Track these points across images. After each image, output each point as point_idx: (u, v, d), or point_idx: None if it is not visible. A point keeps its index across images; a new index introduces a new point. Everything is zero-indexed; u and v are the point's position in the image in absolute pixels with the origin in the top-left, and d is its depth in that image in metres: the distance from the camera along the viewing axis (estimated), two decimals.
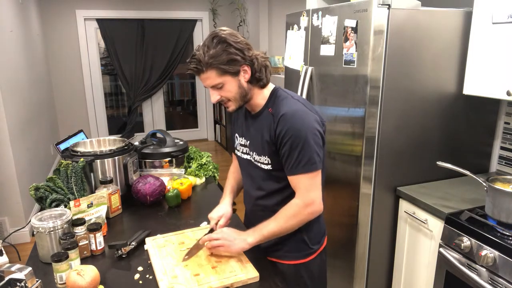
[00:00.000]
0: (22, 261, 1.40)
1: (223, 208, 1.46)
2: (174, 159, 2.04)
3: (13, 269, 1.00)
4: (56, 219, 1.32)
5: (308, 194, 1.25)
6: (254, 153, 1.34)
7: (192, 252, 1.33)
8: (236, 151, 1.46)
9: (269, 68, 1.29)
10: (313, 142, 1.22)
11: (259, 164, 1.33)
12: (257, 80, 1.26)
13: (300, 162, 1.22)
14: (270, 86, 1.33)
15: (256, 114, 1.33)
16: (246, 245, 1.27)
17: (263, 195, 1.38)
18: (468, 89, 1.79)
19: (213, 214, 1.43)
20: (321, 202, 1.29)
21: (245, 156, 1.40)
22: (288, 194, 1.31)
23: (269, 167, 1.31)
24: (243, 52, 1.20)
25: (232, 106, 1.28)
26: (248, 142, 1.36)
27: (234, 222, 1.56)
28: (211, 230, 1.43)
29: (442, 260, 1.63)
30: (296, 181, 1.26)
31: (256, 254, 1.33)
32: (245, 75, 1.23)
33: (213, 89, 1.24)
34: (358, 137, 1.86)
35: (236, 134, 1.44)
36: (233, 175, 1.59)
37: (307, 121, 1.22)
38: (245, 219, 1.58)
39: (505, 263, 1.37)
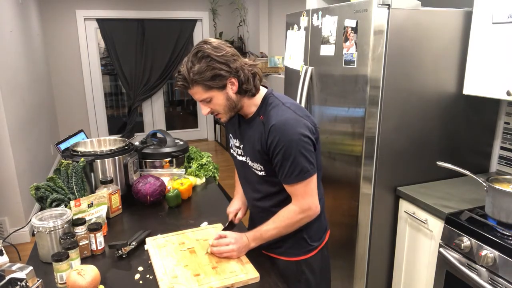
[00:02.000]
0: (22, 261, 1.40)
1: (239, 202, 1.53)
2: (174, 159, 2.04)
3: (14, 268, 1.00)
4: (56, 219, 1.32)
5: (304, 201, 1.27)
6: (248, 158, 1.35)
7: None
8: (231, 150, 1.46)
9: (259, 75, 1.27)
10: (305, 150, 1.22)
11: (253, 170, 1.35)
12: (245, 91, 1.25)
13: (293, 172, 1.23)
14: (262, 91, 1.31)
15: (249, 119, 1.33)
16: (248, 250, 1.33)
17: (260, 197, 1.39)
18: (468, 89, 1.79)
19: (231, 208, 1.50)
20: (317, 205, 1.31)
21: (240, 158, 1.40)
22: (285, 196, 1.32)
23: (263, 173, 1.32)
24: (228, 65, 1.18)
25: (223, 118, 1.30)
26: (242, 145, 1.37)
27: (237, 227, 1.56)
28: (231, 222, 1.49)
29: (442, 260, 1.63)
30: (291, 189, 1.28)
31: (256, 253, 1.34)
32: (232, 87, 1.22)
33: (202, 103, 1.25)
34: (358, 137, 1.86)
35: (230, 135, 1.45)
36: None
37: (298, 130, 1.21)
38: (249, 220, 1.58)
39: (505, 263, 1.37)
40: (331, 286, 1.55)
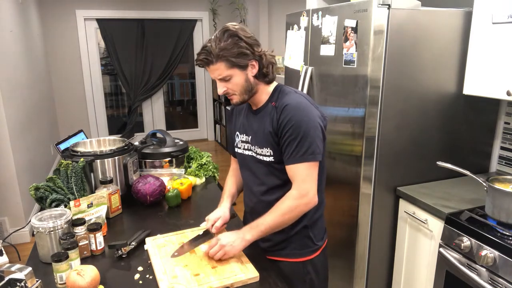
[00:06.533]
0: (22, 261, 1.40)
1: (221, 211, 1.47)
2: (174, 159, 2.04)
3: (13, 269, 1.00)
4: (56, 219, 1.32)
5: (304, 185, 1.27)
6: (256, 146, 1.36)
7: (183, 249, 1.33)
8: (236, 149, 1.46)
9: (276, 66, 1.33)
10: (314, 133, 1.25)
11: (261, 157, 1.35)
12: (264, 75, 1.30)
13: (299, 151, 1.25)
14: (274, 83, 1.38)
15: (259, 109, 1.36)
16: (246, 243, 1.28)
17: (266, 190, 1.38)
18: (468, 89, 1.79)
19: (210, 216, 1.45)
20: (316, 195, 1.29)
21: (246, 152, 1.41)
22: (289, 190, 1.31)
23: (271, 159, 1.32)
24: (252, 47, 1.24)
25: (237, 99, 1.31)
26: (250, 137, 1.38)
27: (234, 223, 1.56)
28: (206, 231, 1.44)
29: (442, 260, 1.63)
30: (294, 170, 1.28)
31: (256, 253, 1.33)
32: (252, 70, 1.27)
33: (221, 81, 1.28)
34: (358, 137, 1.86)
35: (237, 133, 1.46)
36: (232, 179, 1.59)
37: (310, 113, 1.26)
38: (245, 218, 1.58)
39: (505, 263, 1.37)
40: (329, 286, 1.56)
